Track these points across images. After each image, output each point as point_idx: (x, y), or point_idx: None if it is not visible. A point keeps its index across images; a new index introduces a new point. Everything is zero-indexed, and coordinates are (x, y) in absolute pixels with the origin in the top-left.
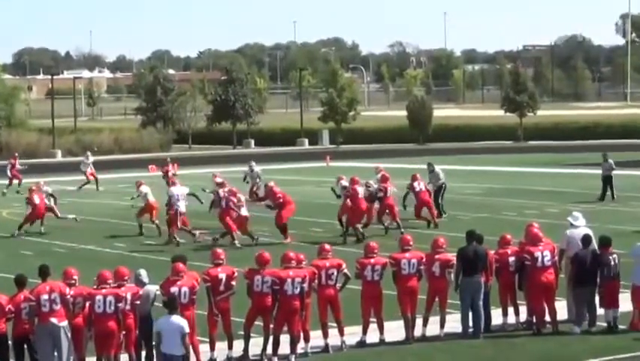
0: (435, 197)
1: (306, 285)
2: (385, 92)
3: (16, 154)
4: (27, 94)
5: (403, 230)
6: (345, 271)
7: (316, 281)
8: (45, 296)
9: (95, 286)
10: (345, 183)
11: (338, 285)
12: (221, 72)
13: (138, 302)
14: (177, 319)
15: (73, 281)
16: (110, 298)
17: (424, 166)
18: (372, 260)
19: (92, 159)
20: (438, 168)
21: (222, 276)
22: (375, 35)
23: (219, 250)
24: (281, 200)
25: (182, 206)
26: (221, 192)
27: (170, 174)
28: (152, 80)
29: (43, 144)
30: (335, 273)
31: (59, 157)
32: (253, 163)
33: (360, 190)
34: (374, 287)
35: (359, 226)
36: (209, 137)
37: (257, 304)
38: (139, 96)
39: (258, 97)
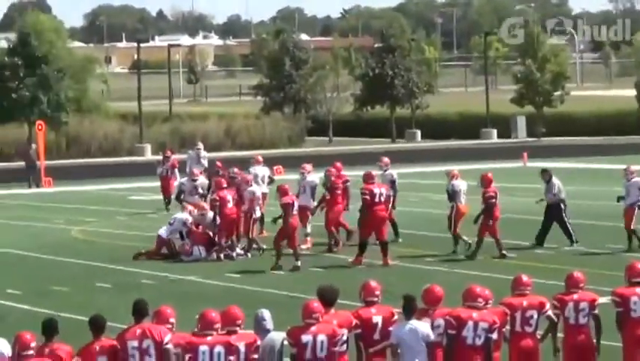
0: (551, 216)
1: (494, 334)
2: (605, 64)
3: (200, 145)
4: (104, 68)
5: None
6: (550, 313)
7: (508, 327)
8: (134, 343)
9: (196, 332)
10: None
11: (539, 332)
12: (375, 37)
13: (256, 356)
14: (420, 325)
15: (169, 325)
16: (218, 349)
17: None
18: (575, 296)
19: (205, 153)
20: (556, 179)
21: (377, 319)
22: None
23: (373, 283)
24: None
25: None
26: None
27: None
28: (278, 49)
29: (126, 136)
30: (535, 316)
31: (148, 155)
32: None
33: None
34: (579, 333)
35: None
36: (358, 126)
37: None
38: (259, 70)
39: (427, 71)
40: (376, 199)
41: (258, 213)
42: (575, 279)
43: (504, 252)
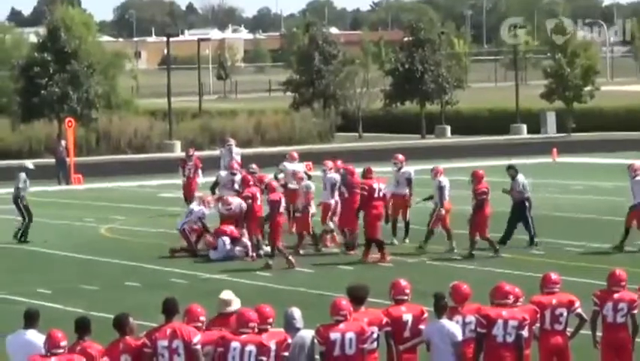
0: (512, 213)
1: (524, 331)
2: (635, 57)
3: (232, 142)
4: (134, 63)
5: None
6: (579, 310)
7: (538, 325)
8: (164, 343)
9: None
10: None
11: (568, 330)
12: (405, 31)
13: (287, 354)
14: (448, 324)
15: (199, 324)
16: (250, 347)
17: None
18: (615, 295)
19: (237, 149)
20: (522, 176)
21: (408, 317)
22: None
23: (403, 282)
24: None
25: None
26: None
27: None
28: (308, 43)
29: (155, 132)
30: (565, 313)
31: (178, 151)
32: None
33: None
34: (617, 331)
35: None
36: (388, 122)
37: None
38: (289, 65)
39: (457, 66)
40: (375, 195)
41: (313, 209)
42: (617, 277)
43: (474, 252)
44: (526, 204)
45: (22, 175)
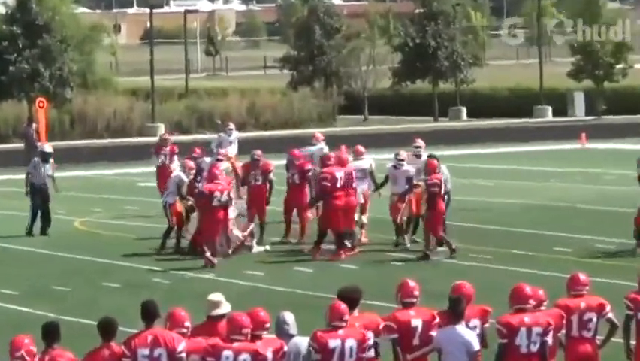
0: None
1: (549, 338)
2: None
3: (232, 126)
4: (113, 37)
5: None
6: (610, 315)
7: (564, 331)
8: (145, 351)
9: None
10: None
11: (598, 337)
12: (416, 2)
13: None
14: (464, 331)
15: (184, 330)
16: (244, 356)
17: None
18: None
19: (236, 134)
20: (445, 167)
21: (417, 323)
22: None
23: (411, 283)
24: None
25: None
26: None
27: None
28: (307, 15)
29: (136, 114)
30: (594, 319)
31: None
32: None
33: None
34: None
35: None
36: (396, 103)
37: None
38: (286, 40)
39: (474, 41)
40: (337, 184)
41: None
42: None
43: (428, 252)
44: (445, 197)
45: (35, 159)
